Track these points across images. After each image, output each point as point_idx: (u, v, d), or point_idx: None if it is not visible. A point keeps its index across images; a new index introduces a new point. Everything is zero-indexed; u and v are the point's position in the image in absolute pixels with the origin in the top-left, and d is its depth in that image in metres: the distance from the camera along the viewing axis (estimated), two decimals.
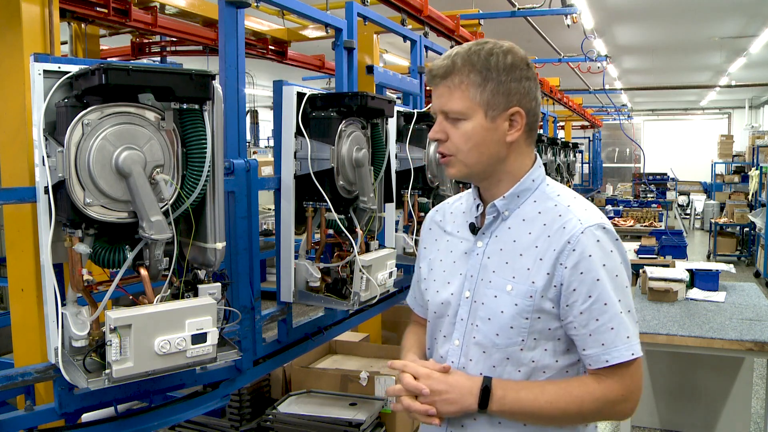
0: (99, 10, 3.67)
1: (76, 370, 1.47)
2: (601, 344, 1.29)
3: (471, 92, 1.32)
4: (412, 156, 2.75)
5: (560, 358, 1.36)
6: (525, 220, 1.37)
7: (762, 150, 10.87)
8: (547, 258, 1.32)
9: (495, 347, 1.35)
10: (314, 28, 5.15)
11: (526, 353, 1.34)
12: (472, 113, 1.33)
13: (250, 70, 7.76)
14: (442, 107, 1.35)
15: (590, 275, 1.29)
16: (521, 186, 1.39)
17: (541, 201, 1.39)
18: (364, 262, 2.14)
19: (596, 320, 1.29)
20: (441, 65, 1.35)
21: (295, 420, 2.89)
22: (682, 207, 16.32)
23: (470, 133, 1.33)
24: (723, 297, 4.08)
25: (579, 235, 1.30)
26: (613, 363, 1.29)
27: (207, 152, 1.55)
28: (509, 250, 1.37)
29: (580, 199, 1.41)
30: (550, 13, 6.02)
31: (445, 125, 1.36)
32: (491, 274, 1.37)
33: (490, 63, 1.31)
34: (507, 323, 1.33)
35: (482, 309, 1.37)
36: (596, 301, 1.29)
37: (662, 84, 14.81)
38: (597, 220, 1.33)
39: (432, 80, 1.37)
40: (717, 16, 9.15)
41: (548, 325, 1.33)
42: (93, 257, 1.49)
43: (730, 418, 4.08)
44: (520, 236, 1.36)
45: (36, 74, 1.44)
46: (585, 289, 1.29)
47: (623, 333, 1.30)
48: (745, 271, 9.72)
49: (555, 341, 1.35)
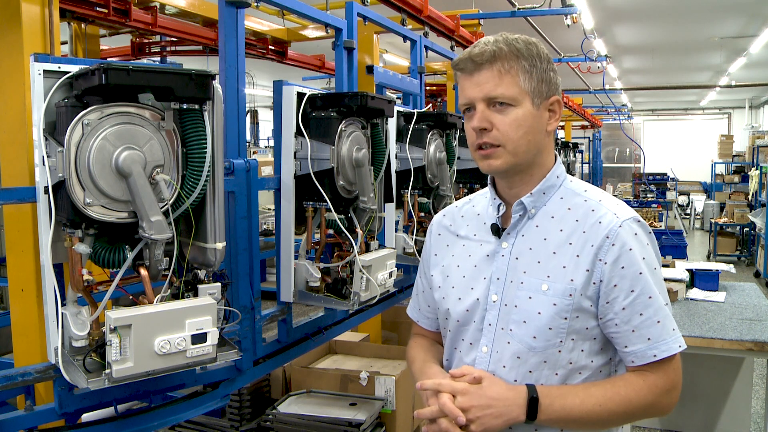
0: (99, 10, 3.67)
1: (76, 370, 1.47)
2: (647, 339, 1.26)
3: (521, 78, 1.28)
4: (412, 156, 2.75)
5: (595, 358, 1.33)
6: (554, 217, 1.34)
7: (762, 150, 10.88)
8: (585, 254, 1.28)
9: (532, 351, 1.30)
10: (314, 28, 5.15)
11: (564, 355, 1.30)
12: (522, 99, 1.29)
13: (250, 70, 7.77)
14: (489, 93, 1.28)
15: (632, 269, 1.27)
16: (547, 183, 1.36)
17: (568, 197, 1.36)
18: (364, 262, 2.14)
19: (640, 315, 1.26)
20: (486, 50, 1.28)
21: (295, 420, 2.89)
22: (682, 207, 16.33)
23: (521, 119, 1.28)
24: (723, 297, 4.08)
25: (617, 229, 1.28)
26: (662, 357, 1.26)
27: (207, 152, 1.55)
28: (540, 249, 1.32)
29: (608, 194, 1.39)
30: (550, 13, 6.02)
31: (488, 114, 1.29)
32: (522, 275, 1.32)
33: (533, 51, 1.30)
34: (545, 324, 1.29)
35: (515, 312, 1.31)
36: (639, 295, 1.26)
37: (662, 84, 14.81)
38: (632, 214, 1.32)
39: (472, 66, 1.30)
40: (717, 16, 9.15)
41: (586, 324, 1.30)
42: (93, 257, 1.49)
43: (730, 418, 4.08)
44: (551, 234, 1.32)
45: (36, 74, 1.44)
46: (627, 284, 1.26)
47: (669, 326, 1.28)
48: (745, 271, 9.73)
49: (591, 341, 1.31)
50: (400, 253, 2.82)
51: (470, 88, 1.31)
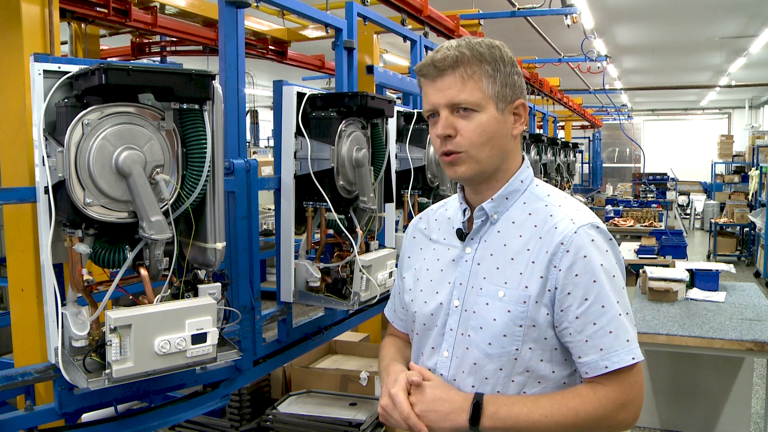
0: (99, 10, 3.67)
1: (76, 370, 1.47)
2: (599, 349, 1.22)
3: (484, 83, 1.26)
4: (412, 156, 2.75)
5: (557, 368, 1.29)
6: (515, 222, 1.31)
7: (762, 150, 10.86)
8: (540, 261, 1.25)
9: (488, 357, 1.28)
10: (314, 28, 5.15)
11: (521, 363, 1.27)
12: (486, 104, 1.26)
13: (250, 70, 7.77)
14: (452, 99, 1.26)
15: (586, 277, 1.23)
16: (510, 187, 1.33)
17: (531, 202, 1.33)
18: (364, 262, 2.14)
19: (593, 324, 1.22)
20: (449, 55, 1.26)
21: (295, 420, 2.89)
22: (682, 207, 16.31)
23: (485, 125, 1.26)
24: (723, 297, 4.08)
25: (572, 235, 1.24)
26: (613, 369, 1.22)
27: (207, 152, 1.55)
28: (500, 255, 1.30)
29: (571, 199, 1.35)
30: (550, 13, 6.02)
31: (452, 120, 1.27)
32: (482, 280, 1.31)
33: (495, 55, 1.28)
34: (500, 331, 1.26)
35: (473, 318, 1.30)
36: (593, 304, 1.23)
37: (662, 84, 14.81)
38: (590, 219, 1.28)
39: (434, 72, 1.28)
40: (717, 16, 9.15)
41: (544, 333, 1.26)
42: (93, 257, 1.49)
43: (730, 418, 4.08)
44: (511, 240, 1.30)
45: (36, 74, 1.44)
46: (581, 293, 1.23)
47: (623, 336, 1.23)
48: (745, 271, 9.72)
49: (551, 351, 1.28)
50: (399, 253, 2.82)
51: (433, 93, 1.29)
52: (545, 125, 7.59)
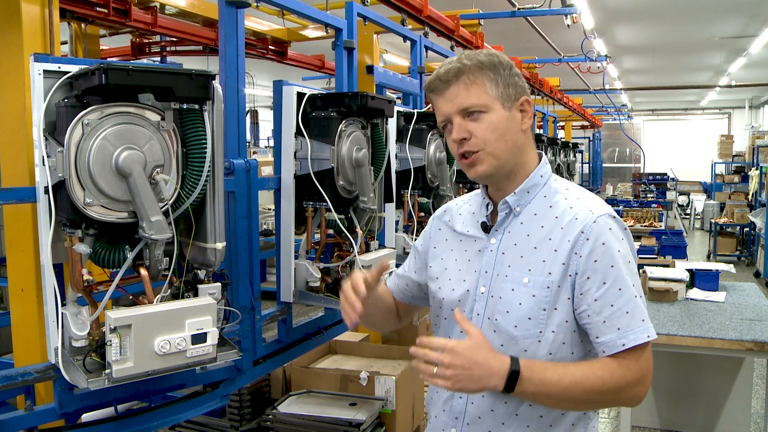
0: (99, 10, 3.67)
1: (76, 370, 1.47)
2: (616, 329, 1.32)
3: (487, 86, 1.38)
4: (412, 156, 2.75)
5: (576, 349, 1.39)
6: (537, 214, 1.42)
7: (762, 150, 10.87)
8: (562, 249, 1.36)
9: (513, 340, 1.37)
10: (314, 28, 5.14)
11: (544, 346, 1.36)
12: (492, 105, 1.38)
13: (250, 70, 7.76)
14: (461, 105, 1.38)
15: (604, 262, 1.33)
16: (530, 182, 1.44)
17: (551, 196, 1.44)
18: (364, 262, 2.14)
19: (611, 306, 1.32)
20: (450, 68, 1.39)
21: (295, 420, 2.89)
22: (682, 207, 16.32)
23: (495, 123, 1.38)
24: (723, 297, 4.07)
25: (592, 225, 1.35)
26: (630, 346, 1.31)
27: (207, 152, 1.55)
28: (523, 245, 1.41)
29: (588, 192, 1.47)
30: (550, 13, 6.03)
31: (465, 124, 1.39)
32: (507, 268, 1.41)
33: (494, 61, 1.40)
34: (525, 315, 1.36)
35: (500, 303, 1.40)
36: (611, 287, 1.32)
37: (662, 84, 14.81)
38: (607, 210, 1.39)
39: (441, 85, 1.40)
40: (717, 16, 9.15)
41: (565, 316, 1.36)
42: (93, 257, 1.49)
43: (730, 418, 4.08)
44: (533, 230, 1.41)
45: (36, 74, 1.44)
46: (599, 277, 1.33)
47: (638, 316, 1.33)
48: (745, 271, 9.72)
49: (571, 333, 1.38)
50: (400, 253, 2.82)
51: (443, 104, 1.41)
52: (545, 125, 7.60)
